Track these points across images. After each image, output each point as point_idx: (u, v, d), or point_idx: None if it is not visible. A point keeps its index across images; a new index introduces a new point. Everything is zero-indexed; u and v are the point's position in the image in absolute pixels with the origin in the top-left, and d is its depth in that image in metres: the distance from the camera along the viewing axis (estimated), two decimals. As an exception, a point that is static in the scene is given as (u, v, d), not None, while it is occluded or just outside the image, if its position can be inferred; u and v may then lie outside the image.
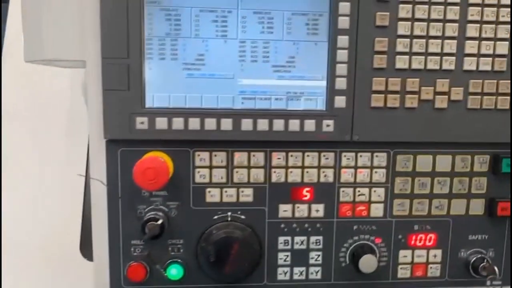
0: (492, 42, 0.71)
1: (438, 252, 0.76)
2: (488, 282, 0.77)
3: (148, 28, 0.67)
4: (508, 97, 0.72)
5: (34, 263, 0.89)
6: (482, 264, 0.75)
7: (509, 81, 0.71)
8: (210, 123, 0.69)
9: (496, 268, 0.74)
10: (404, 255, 0.76)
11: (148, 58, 0.67)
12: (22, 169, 0.90)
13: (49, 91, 0.95)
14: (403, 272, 0.76)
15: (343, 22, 0.68)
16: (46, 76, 0.94)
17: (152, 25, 0.67)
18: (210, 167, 0.71)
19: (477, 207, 0.76)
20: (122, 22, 0.66)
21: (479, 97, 0.72)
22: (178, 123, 0.68)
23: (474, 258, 0.76)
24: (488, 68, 0.71)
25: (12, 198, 0.89)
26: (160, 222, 0.68)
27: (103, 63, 0.66)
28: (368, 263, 0.72)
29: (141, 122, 0.68)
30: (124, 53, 0.66)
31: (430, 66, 0.70)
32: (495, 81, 0.71)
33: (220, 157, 0.71)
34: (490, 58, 0.71)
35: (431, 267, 0.77)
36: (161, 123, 0.68)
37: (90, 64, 0.67)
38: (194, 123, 0.68)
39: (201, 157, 0.71)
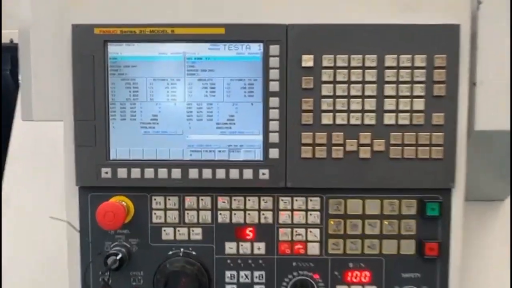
0: (409, 99, 0.79)
1: (374, 288, 0.84)
2: (425, 318, 0.83)
3: (111, 94, 0.81)
4: (428, 148, 0.80)
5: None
6: (412, 301, 0.82)
7: (428, 133, 0.80)
8: (163, 173, 0.81)
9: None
10: (342, 290, 0.84)
11: (112, 119, 0.81)
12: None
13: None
14: (341, 306, 0.84)
15: (274, 86, 0.80)
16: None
17: (115, 92, 0.81)
18: (165, 210, 0.83)
19: (408, 247, 0.83)
20: (90, 90, 0.80)
21: (400, 148, 0.80)
22: (136, 172, 0.81)
23: (408, 295, 0.83)
24: (407, 122, 0.80)
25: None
26: (119, 256, 0.80)
27: (75, 124, 0.81)
28: (303, 296, 0.81)
29: (106, 172, 0.81)
30: (92, 116, 0.81)
31: (353, 121, 0.80)
32: (415, 133, 0.80)
33: (173, 201, 0.83)
34: (408, 114, 0.80)
35: (368, 302, 0.84)
36: (122, 172, 0.81)
37: (66, 124, 0.82)
38: (149, 173, 0.81)
39: (157, 201, 0.83)
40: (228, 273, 0.84)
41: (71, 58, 0.81)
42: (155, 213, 0.83)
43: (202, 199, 0.83)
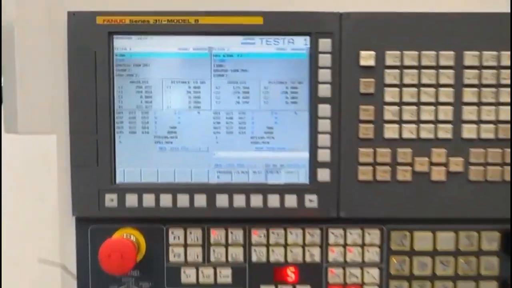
0: (494, 107, 0.64)
1: None
2: None
3: (117, 101, 0.65)
4: (516, 168, 0.64)
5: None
6: None
7: (517, 149, 0.64)
8: (183, 200, 0.65)
9: None
10: None
11: (118, 132, 0.65)
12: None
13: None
14: None
15: (324, 90, 0.64)
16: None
17: (122, 98, 0.65)
18: (185, 245, 0.67)
19: (489, 290, 0.67)
20: (90, 95, 0.64)
21: (482, 168, 0.64)
22: (149, 200, 0.65)
23: None
24: (491, 136, 0.64)
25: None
26: (128, 308, 0.63)
27: (71, 138, 0.64)
28: None
29: (111, 199, 0.65)
30: (93, 128, 0.64)
31: (424, 135, 0.64)
32: (500, 150, 0.64)
33: (195, 235, 0.67)
34: (493, 125, 0.64)
35: None
36: (131, 200, 0.65)
37: (59, 139, 0.65)
38: (166, 200, 0.65)
39: (175, 234, 0.67)
40: (264, 325, 0.67)
41: (66, 55, 0.64)
42: (172, 250, 0.67)
43: (232, 232, 0.68)
